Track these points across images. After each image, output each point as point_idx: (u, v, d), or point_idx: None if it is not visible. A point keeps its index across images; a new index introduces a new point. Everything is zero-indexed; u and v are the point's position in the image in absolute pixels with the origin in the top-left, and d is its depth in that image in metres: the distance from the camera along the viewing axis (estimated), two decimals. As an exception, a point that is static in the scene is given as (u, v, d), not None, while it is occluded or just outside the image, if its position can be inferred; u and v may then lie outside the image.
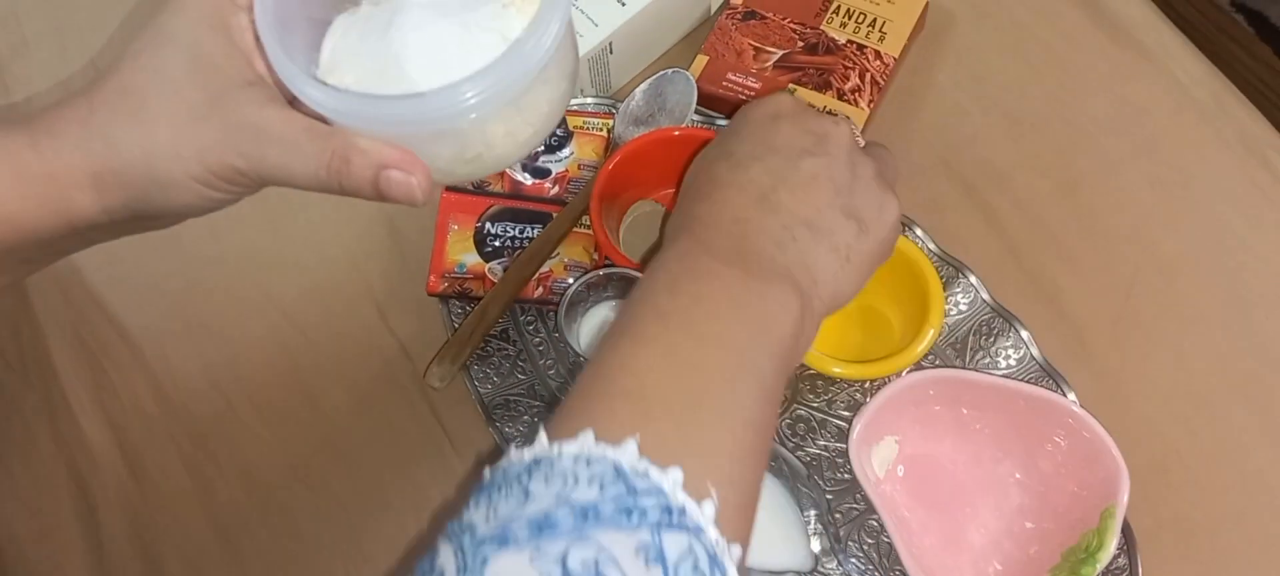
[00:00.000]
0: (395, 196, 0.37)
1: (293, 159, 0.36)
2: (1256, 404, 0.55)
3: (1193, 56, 0.65)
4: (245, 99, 0.36)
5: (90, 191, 0.37)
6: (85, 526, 0.56)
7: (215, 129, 0.36)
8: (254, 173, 0.37)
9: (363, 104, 0.35)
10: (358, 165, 0.36)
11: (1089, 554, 0.47)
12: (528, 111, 0.38)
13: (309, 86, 0.35)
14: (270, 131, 0.36)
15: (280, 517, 0.56)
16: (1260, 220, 0.60)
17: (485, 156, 0.39)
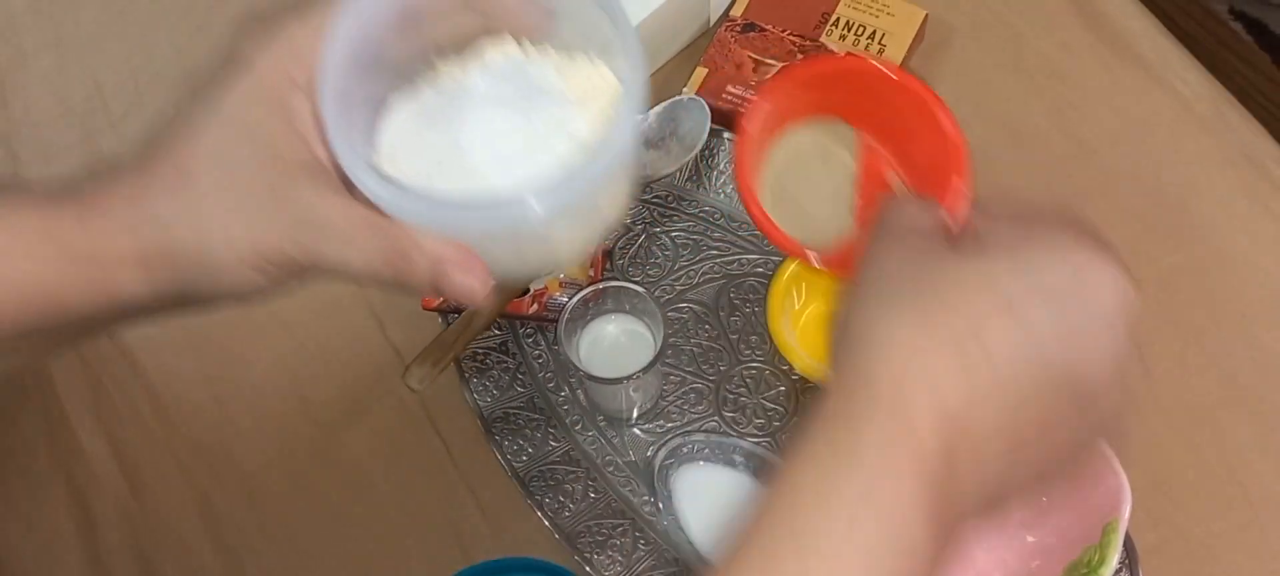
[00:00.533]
0: (454, 295, 0.35)
1: (350, 252, 0.34)
2: (1259, 418, 0.55)
3: (1193, 69, 0.65)
4: (303, 185, 0.34)
5: (137, 272, 0.36)
6: (84, 539, 0.56)
7: (271, 216, 0.34)
8: (308, 262, 0.35)
9: (427, 206, 0.34)
10: (417, 262, 0.34)
11: (1090, 568, 0.47)
12: (591, 216, 0.38)
13: (373, 181, 0.34)
14: (328, 222, 0.34)
15: (280, 530, 0.56)
16: (1261, 233, 0.60)
17: (546, 259, 0.38)
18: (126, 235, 0.35)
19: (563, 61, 0.38)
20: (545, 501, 0.54)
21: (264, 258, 0.35)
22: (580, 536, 0.53)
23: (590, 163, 0.34)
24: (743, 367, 0.57)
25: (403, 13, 0.36)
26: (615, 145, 0.34)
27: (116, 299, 0.36)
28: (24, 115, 0.67)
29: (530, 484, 0.54)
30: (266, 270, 0.35)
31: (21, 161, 0.66)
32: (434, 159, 0.36)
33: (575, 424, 0.57)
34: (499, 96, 0.37)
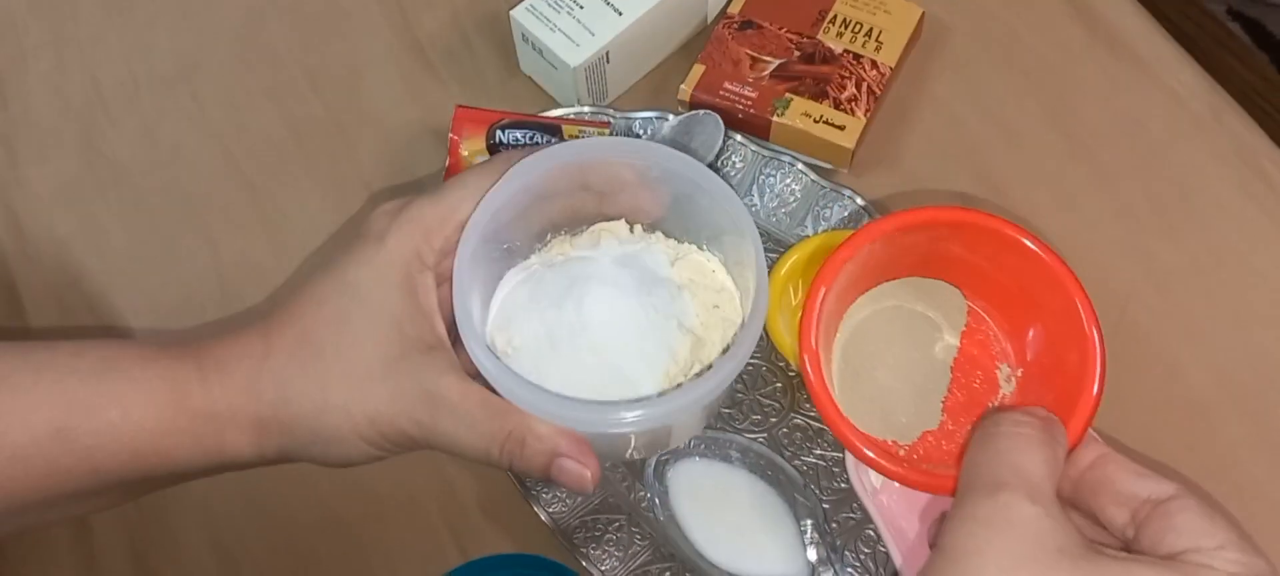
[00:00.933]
0: (566, 484, 0.36)
1: (466, 433, 0.35)
2: (1254, 416, 0.55)
3: (1190, 68, 0.65)
4: (425, 365, 0.35)
5: (249, 433, 0.37)
6: (79, 539, 0.56)
7: (392, 393, 0.35)
8: (424, 439, 0.36)
9: (551, 404, 0.35)
10: (532, 450, 0.35)
11: (1085, 565, 0.47)
12: (705, 412, 0.40)
13: (501, 372, 0.35)
14: (447, 402, 0.35)
15: (277, 531, 0.55)
16: (1257, 232, 0.60)
17: (653, 445, 0.40)
18: (245, 397, 0.36)
19: (673, 248, 0.40)
20: (542, 497, 0.54)
21: (380, 432, 0.35)
22: (577, 531, 0.53)
23: (704, 382, 0.35)
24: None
25: (532, 195, 0.37)
26: (737, 361, 0.36)
27: (223, 457, 0.37)
28: (23, 114, 0.68)
29: (526, 480, 0.54)
30: (380, 444, 0.36)
31: (20, 159, 0.66)
32: (547, 338, 0.37)
33: (572, 421, 0.57)
34: (614, 279, 0.38)
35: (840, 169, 0.62)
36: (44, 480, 0.36)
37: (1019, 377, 0.36)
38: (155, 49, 0.69)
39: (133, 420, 0.36)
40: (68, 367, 0.36)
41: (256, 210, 0.64)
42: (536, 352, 0.37)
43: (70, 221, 0.64)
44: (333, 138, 0.66)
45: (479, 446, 0.35)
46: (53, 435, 0.35)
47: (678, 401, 0.36)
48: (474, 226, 0.36)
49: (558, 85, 0.64)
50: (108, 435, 0.36)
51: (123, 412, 0.36)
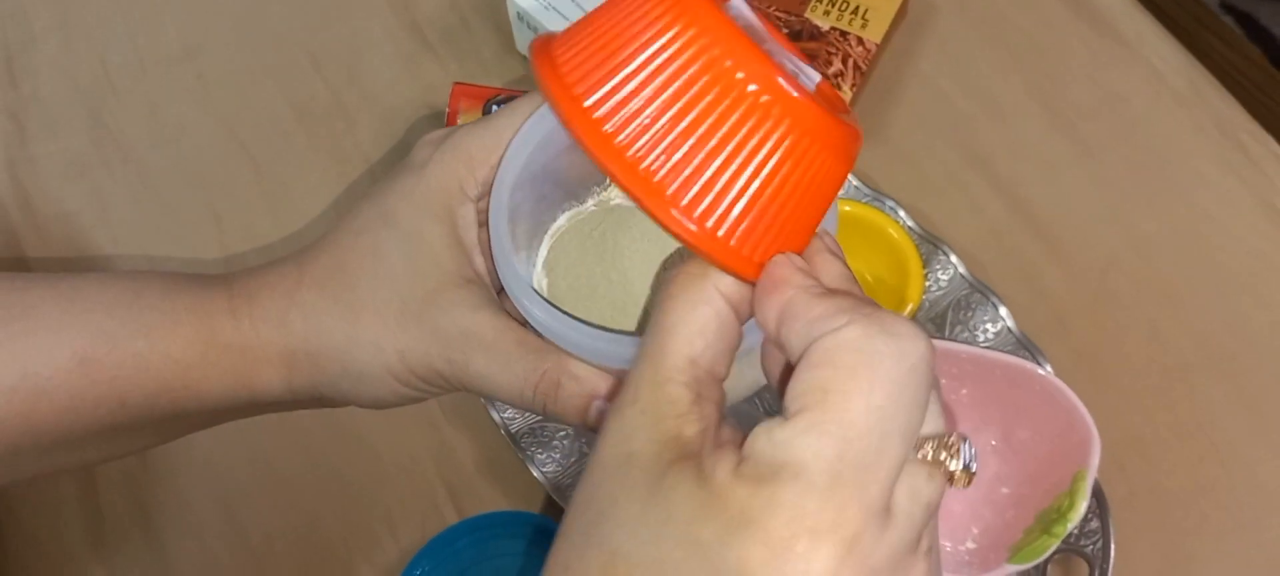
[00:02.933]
0: (598, 427, 0.32)
1: (500, 372, 0.33)
2: (1229, 378, 0.57)
3: (1170, 44, 0.67)
4: (459, 300, 0.33)
5: (280, 369, 0.35)
6: (86, 499, 0.58)
7: (425, 329, 0.33)
8: (456, 378, 0.34)
9: (591, 338, 0.32)
10: (569, 392, 0.33)
11: (1061, 514, 0.49)
12: (742, 360, 0.35)
13: (536, 305, 0.33)
14: (482, 338, 0.33)
15: (279, 488, 0.57)
16: (1234, 201, 0.61)
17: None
18: (275, 329, 0.34)
19: None
20: (536, 457, 0.55)
21: (410, 369, 0.33)
22: (570, 491, 0.55)
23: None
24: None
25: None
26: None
27: (253, 392, 0.35)
28: (32, 93, 0.69)
29: (521, 440, 0.56)
30: (411, 382, 0.34)
31: (30, 137, 0.68)
32: (587, 280, 0.35)
33: (566, 385, 0.58)
34: (658, 233, 0.35)
35: (828, 143, 0.64)
36: (68, 413, 0.34)
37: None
38: (161, 30, 0.71)
39: (159, 350, 0.34)
40: (94, 298, 0.34)
41: (259, 185, 0.66)
42: (576, 300, 0.35)
43: (78, 197, 0.66)
44: (334, 115, 0.67)
45: (513, 386, 0.33)
46: (77, 365, 0.33)
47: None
48: (513, 152, 0.34)
49: (553, 63, 0.66)
50: (133, 366, 0.34)
51: (149, 343, 0.34)
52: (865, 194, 0.61)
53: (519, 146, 0.34)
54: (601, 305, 0.35)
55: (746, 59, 0.27)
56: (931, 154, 0.64)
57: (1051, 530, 0.48)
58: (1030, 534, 0.50)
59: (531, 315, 0.33)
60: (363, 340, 0.33)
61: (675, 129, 0.28)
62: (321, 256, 0.35)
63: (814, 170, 0.29)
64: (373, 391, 0.34)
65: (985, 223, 0.61)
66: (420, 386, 0.34)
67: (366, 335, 0.33)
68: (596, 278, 0.35)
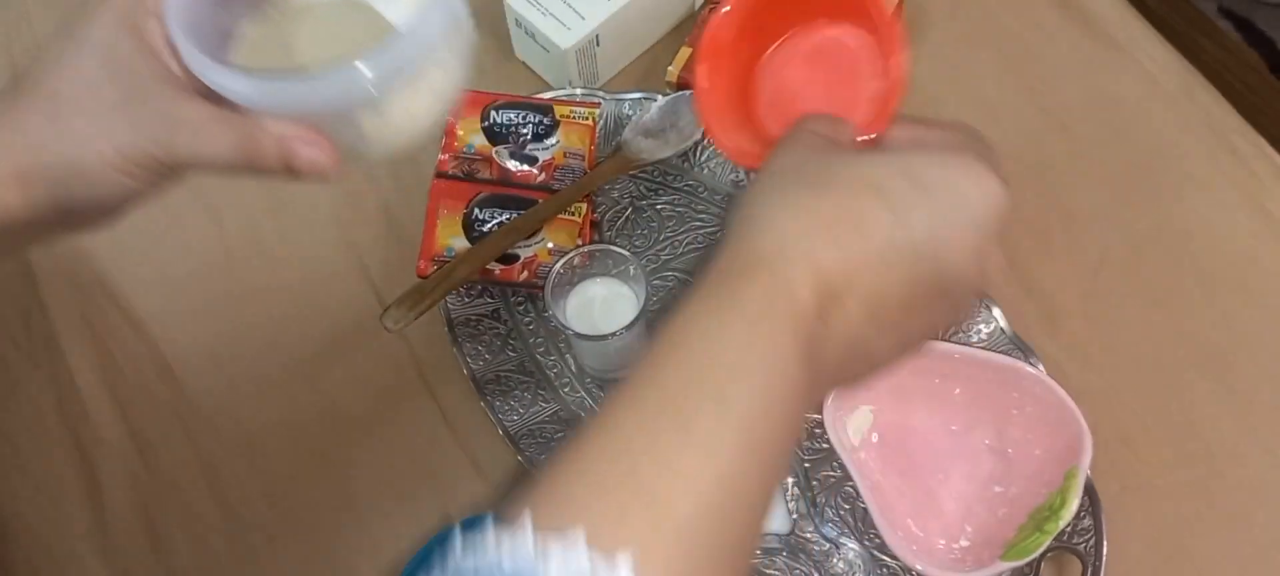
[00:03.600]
0: (304, 171, 0.39)
1: (203, 143, 0.38)
2: (1219, 376, 0.57)
3: (1161, 47, 0.67)
4: (157, 91, 0.38)
5: (16, 189, 0.39)
6: (91, 502, 0.58)
7: (129, 120, 0.38)
8: (169, 158, 0.38)
9: (265, 86, 0.38)
10: (265, 145, 0.38)
11: (1053, 511, 0.49)
12: (423, 92, 0.40)
13: (214, 71, 0.37)
14: (181, 118, 0.38)
15: (282, 490, 0.58)
16: (1224, 201, 0.62)
17: (387, 135, 0.41)
18: (2, 155, 0.38)
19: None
20: (536, 458, 0.56)
21: (128, 159, 0.38)
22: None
23: (409, 32, 0.37)
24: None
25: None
26: (430, 14, 0.37)
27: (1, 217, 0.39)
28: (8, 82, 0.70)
29: (521, 442, 0.57)
30: (131, 171, 0.38)
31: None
32: (270, 59, 0.40)
33: (564, 386, 0.59)
34: (334, 7, 0.40)
35: (823, 145, 0.64)
36: None
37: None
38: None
39: None
40: None
41: (260, 189, 0.66)
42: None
43: (81, 201, 0.66)
44: (334, 120, 0.68)
45: (220, 153, 0.38)
46: None
47: (377, 53, 0.37)
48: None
49: (550, 68, 0.67)
50: None
51: None
52: (860, 196, 0.61)
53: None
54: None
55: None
56: (925, 156, 0.65)
57: (1044, 527, 0.49)
58: (1023, 531, 0.50)
59: (215, 82, 0.37)
60: (79, 143, 0.38)
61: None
62: (28, 87, 0.39)
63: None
64: (103, 189, 0.39)
65: (978, 224, 0.62)
66: (144, 175, 0.39)
67: (81, 139, 0.38)
68: (278, 58, 0.40)
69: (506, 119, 0.62)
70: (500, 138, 0.62)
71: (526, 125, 0.62)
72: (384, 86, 0.38)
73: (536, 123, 0.62)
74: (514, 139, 0.62)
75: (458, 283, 0.57)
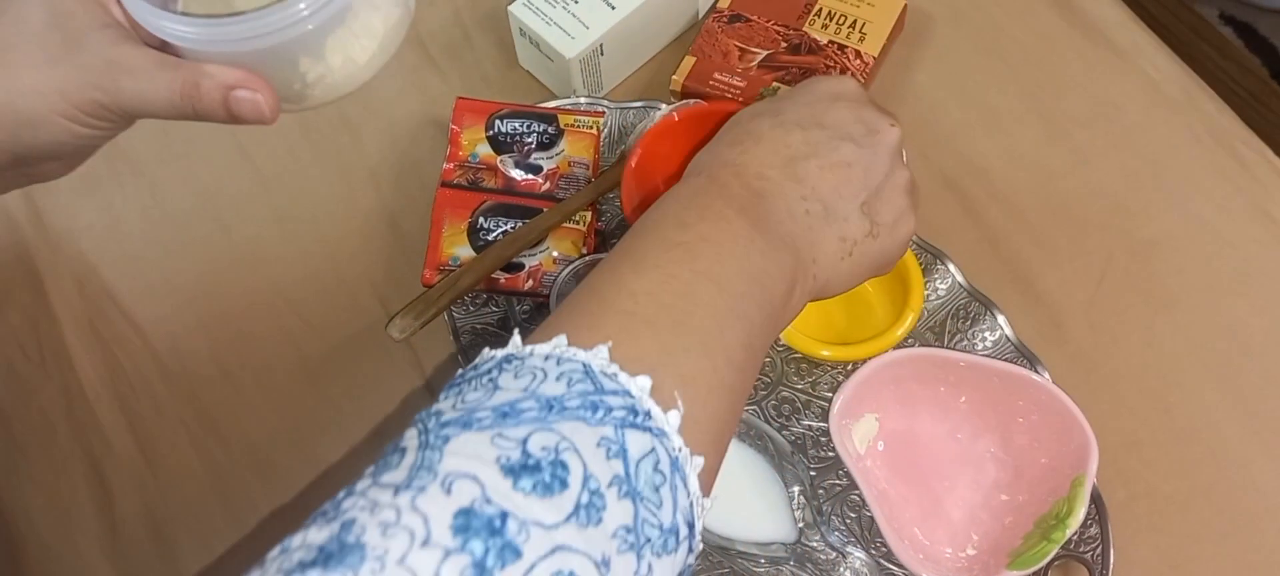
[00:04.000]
0: (244, 115, 0.40)
1: (146, 87, 0.39)
2: (1225, 383, 0.57)
3: (1164, 54, 0.67)
4: (100, 39, 0.39)
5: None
6: (101, 509, 0.59)
7: (73, 67, 0.39)
8: (114, 105, 0.40)
9: (202, 28, 0.39)
10: (206, 88, 0.39)
11: (1059, 520, 0.49)
12: (361, 35, 0.41)
13: (152, 15, 0.38)
14: (124, 64, 0.39)
15: (287, 496, 0.58)
16: (1229, 208, 0.62)
17: (327, 79, 0.42)
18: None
19: None
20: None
21: (74, 105, 0.39)
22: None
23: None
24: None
25: None
26: None
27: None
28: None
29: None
30: (79, 119, 0.40)
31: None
32: (209, 7, 0.41)
33: (569, 394, 0.59)
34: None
35: (827, 153, 0.65)
36: None
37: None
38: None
39: None
40: None
41: (266, 199, 0.67)
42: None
43: (90, 212, 0.67)
44: (339, 130, 0.68)
45: (162, 98, 0.39)
46: None
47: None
48: None
49: (554, 77, 0.67)
50: None
51: None
52: (864, 204, 0.61)
53: None
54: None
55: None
56: (929, 164, 0.65)
57: (1051, 536, 0.49)
58: (1029, 540, 0.50)
59: (153, 26, 0.38)
60: (25, 91, 0.39)
61: None
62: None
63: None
64: (52, 135, 0.40)
65: (983, 231, 0.62)
66: (91, 122, 0.40)
67: (27, 86, 0.39)
68: (216, 5, 0.41)
69: (511, 128, 0.62)
70: (505, 147, 0.62)
71: (531, 134, 0.62)
72: (318, 22, 0.39)
73: (541, 132, 0.62)
74: (519, 148, 0.62)
75: (463, 292, 0.57)
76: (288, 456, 0.59)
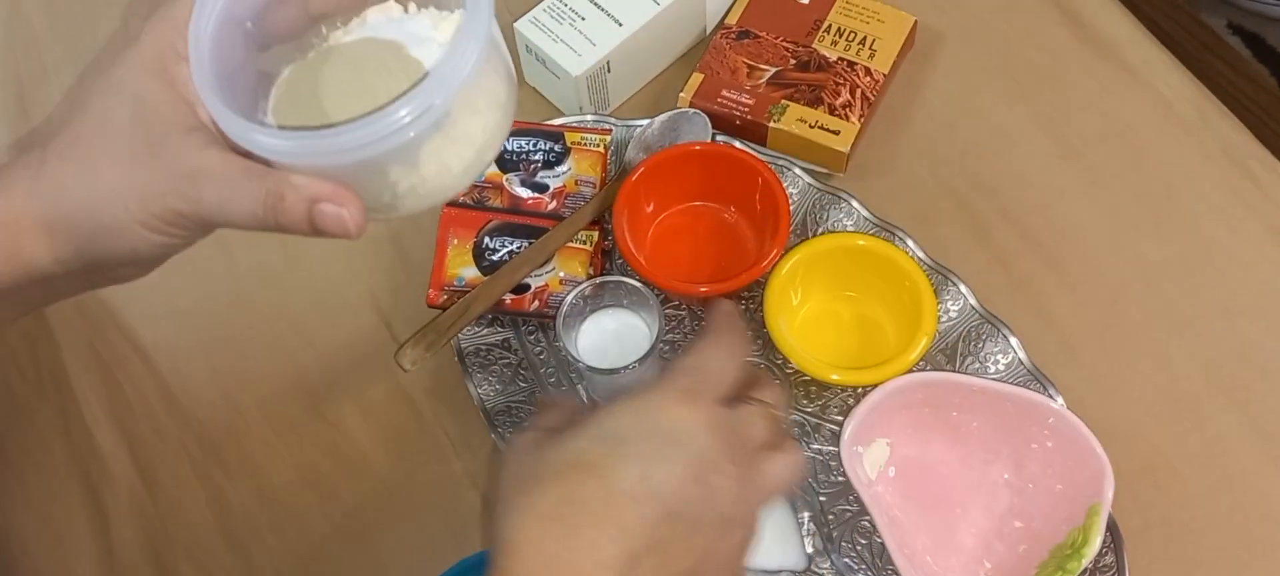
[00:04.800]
0: (329, 230, 0.37)
1: (229, 198, 0.37)
2: (1241, 407, 0.56)
3: (1177, 72, 0.67)
4: (185, 143, 0.37)
5: (43, 239, 0.38)
6: (97, 534, 0.58)
7: (156, 172, 0.37)
8: (194, 214, 0.38)
9: (288, 140, 0.36)
10: (291, 201, 0.37)
11: (1075, 549, 0.48)
12: (458, 141, 0.38)
13: (239, 126, 0.36)
14: (208, 172, 0.37)
15: (289, 523, 0.57)
16: (1243, 228, 0.61)
17: (419, 189, 0.39)
18: (30, 201, 0.38)
19: (441, 15, 0.40)
20: (546, 491, 0.55)
21: (153, 214, 0.37)
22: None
23: (435, 75, 0.36)
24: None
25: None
26: (459, 58, 0.35)
27: (27, 267, 0.39)
28: (45, 126, 0.70)
29: (531, 475, 0.56)
30: (158, 227, 0.38)
31: (41, 171, 0.68)
32: (300, 108, 0.39)
33: (575, 417, 0.58)
34: (368, 43, 0.39)
35: (835, 173, 0.64)
36: None
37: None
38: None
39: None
40: None
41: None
42: (296, 121, 0.39)
43: (89, 230, 0.66)
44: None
45: (245, 209, 0.37)
46: None
47: (410, 96, 0.35)
48: (202, 7, 0.37)
49: (561, 94, 0.66)
50: None
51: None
52: (874, 224, 0.61)
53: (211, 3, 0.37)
54: (312, 122, 0.38)
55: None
56: (939, 184, 0.64)
57: (1066, 566, 0.48)
58: (1044, 569, 0.50)
59: (240, 137, 0.36)
60: (105, 195, 0.37)
61: None
62: (59, 134, 0.39)
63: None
64: (129, 243, 0.38)
65: (993, 252, 0.61)
66: (170, 230, 0.38)
67: (108, 190, 0.37)
68: (308, 104, 0.39)
69: (517, 146, 0.62)
70: (511, 165, 0.61)
71: (537, 152, 0.61)
72: (418, 132, 0.36)
73: (547, 150, 0.62)
74: (525, 166, 0.61)
75: (473, 318, 0.56)
76: (289, 480, 0.58)
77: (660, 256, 0.60)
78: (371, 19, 0.40)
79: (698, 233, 0.61)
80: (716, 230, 0.61)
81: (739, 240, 0.61)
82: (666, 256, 0.60)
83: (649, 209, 0.61)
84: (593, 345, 0.56)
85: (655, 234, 0.61)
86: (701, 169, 0.60)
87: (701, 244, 0.61)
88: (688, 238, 0.61)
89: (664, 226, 0.62)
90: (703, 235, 0.61)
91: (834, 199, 0.62)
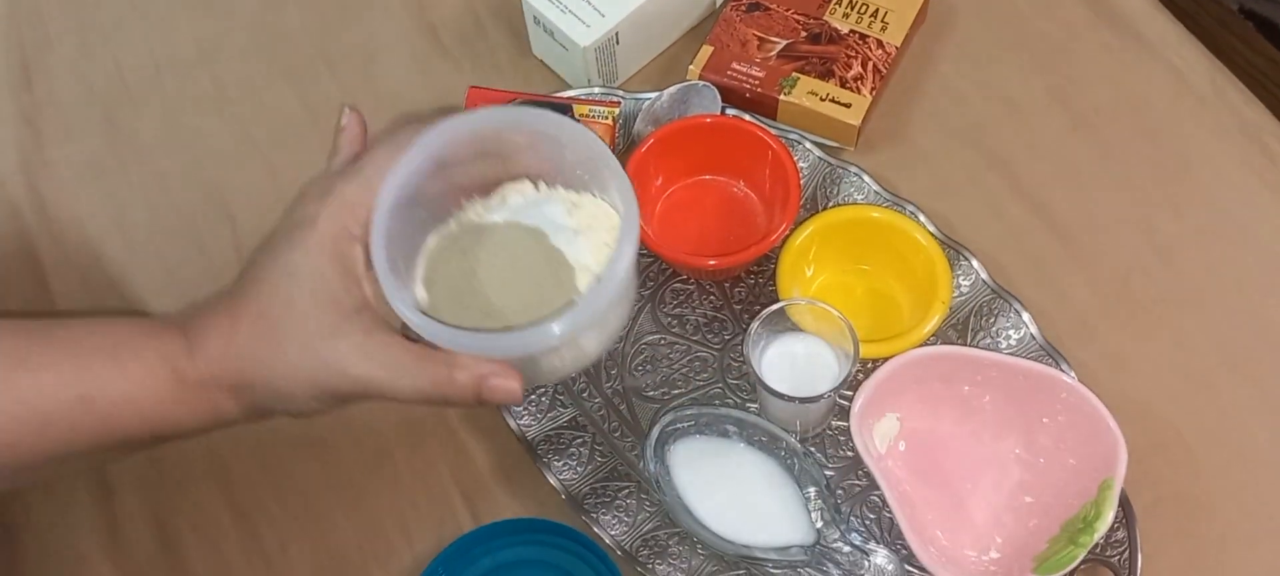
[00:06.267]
0: (498, 400, 0.42)
1: (399, 379, 0.42)
2: (1255, 383, 0.56)
3: (1192, 46, 0.66)
4: (356, 326, 0.42)
5: (231, 397, 0.43)
6: (102, 506, 0.57)
7: (331, 356, 0.42)
8: (361, 392, 0.42)
9: (464, 338, 0.41)
10: (461, 381, 0.41)
11: (1087, 524, 0.48)
12: (603, 326, 0.45)
13: (417, 317, 0.41)
14: (377, 357, 0.42)
15: (293, 492, 0.57)
16: (1258, 204, 0.61)
17: (559, 369, 0.45)
18: (222, 367, 0.43)
19: (572, 198, 0.45)
20: (553, 464, 0.55)
21: (323, 389, 0.42)
22: (587, 498, 0.54)
23: (596, 291, 0.41)
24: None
25: (435, 164, 0.43)
26: (616, 275, 0.41)
27: (217, 417, 0.44)
28: (48, 97, 0.69)
29: (538, 448, 0.55)
30: (324, 399, 0.43)
31: (46, 141, 0.68)
32: (454, 289, 0.44)
33: (582, 392, 0.58)
34: (513, 228, 0.45)
35: (847, 146, 0.63)
36: (66, 441, 0.43)
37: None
38: (176, 34, 0.71)
39: (144, 390, 0.43)
40: (85, 345, 0.44)
41: (274, 189, 0.65)
42: (451, 305, 0.44)
43: (94, 201, 0.66)
44: (349, 119, 0.67)
45: (412, 388, 0.42)
46: (76, 402, 0.43)
47: (570, 316, 0.41)
48: (384, 198, 0.42)
49: (568, 66, 0.66)
50: (123, 404, 0.43)
51: (135, 385, 0.43)
52: (885, 198, 0.60)
53: (388, 189, 0.42)
54: (470, 306, 0.43)
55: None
56: (951, 157, 0.63)
57: (1078, 540, 0.48)
58: (1055, 543, 0.49)
59: (422, 330, 0.41)
60: (286, 373, 0.42)
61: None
62: (247, 305, 0.43)
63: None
64: (298, 406, 0.43)
65: (1006, 226, 0.61)
66: (333, 401, 0.43)
67: (289, 369, 0.42)
68: (464, 284, 0.44)
69: (525, 119, 0.61)
70: (518, 137, 0.61)
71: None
72: (574, 335, 0.41)
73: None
74: (532, 138, 0.61)
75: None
76: (293, 450, 0.58)
77: (668, 229, 0.60)
78: (511, 199, 0.45)
79: (706, 206, 0.61)
80: (725, 204, 0.61)
81: (748, 214, 0.60)
82: (675, 230, 0.60)
83: (658, 182, 0.60)
84: (777, 366, 0.54)
85: (664, 207, 0.61)
86: (711, 142, 0.59)
87: (710, 217, 0.60)
88: (696, 211, 0.61)
89: (672, 199, 0.61)
90: (711, 209, 0.61)
91: (845, 172, 0.61)
